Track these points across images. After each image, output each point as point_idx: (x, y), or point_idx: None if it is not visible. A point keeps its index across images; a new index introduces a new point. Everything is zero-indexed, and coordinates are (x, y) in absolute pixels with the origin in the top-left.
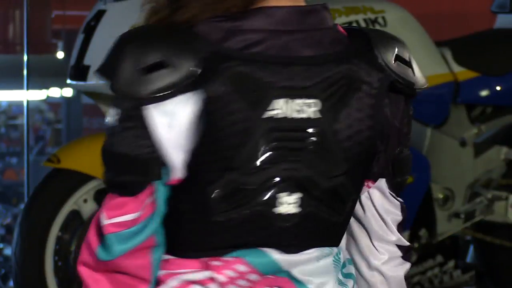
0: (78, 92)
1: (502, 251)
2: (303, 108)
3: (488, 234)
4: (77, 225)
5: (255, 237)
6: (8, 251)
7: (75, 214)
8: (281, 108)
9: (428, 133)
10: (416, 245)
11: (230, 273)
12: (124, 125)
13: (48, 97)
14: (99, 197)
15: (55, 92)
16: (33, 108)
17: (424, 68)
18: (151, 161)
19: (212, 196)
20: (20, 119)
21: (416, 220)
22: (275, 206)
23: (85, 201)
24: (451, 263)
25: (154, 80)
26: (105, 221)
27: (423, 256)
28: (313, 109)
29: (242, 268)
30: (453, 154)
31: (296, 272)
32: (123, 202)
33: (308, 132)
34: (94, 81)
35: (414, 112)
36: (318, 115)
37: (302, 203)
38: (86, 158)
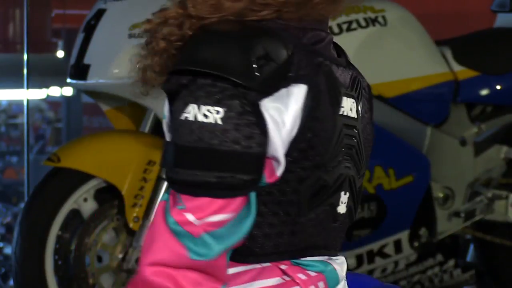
0: (78, 91)
1: (502, 250)
2: (352, 107)
3: (489, 233)
4: (77, 224)
5: (319, 237)
6: (8, 250)
7: (75, 213)
8: (345, 106)
9: (428, 132)
10: (416, 244)
11: None
12: (235, 122)
13: (48, 96)
14: (99, 196)
15: (55, 91)
16: (33, 107)
17: (424, 67)
18: (263, 159)
19: (302, 195)
20: (20, 118)
21: (416, 219)
22: (338, 205)
23: (85, 200)
24: (451, 262)
25: (266, 73)
26: (199, 221)
27: (423, 255)
28: (355, 109)
29: (321, 285)
30: (453, 153)
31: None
32: (211, 202)
33: (355, 131)
34: (94, 80)
35: (414, 111)
36: (357, 115)
37: (348, 202)
38: (87, 157)
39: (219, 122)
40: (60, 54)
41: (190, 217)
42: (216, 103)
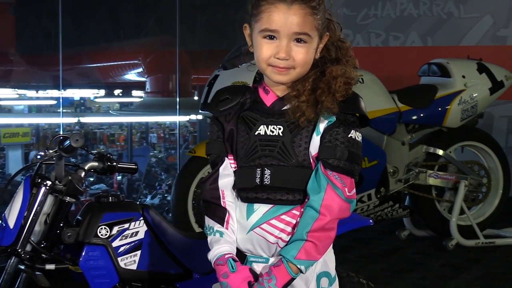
0: (204, 116)
1: (423, 199)
2: None
3: (416, 190)
4: None
5: None
6: (169, 198)
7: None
8: None
9: (385, 138)
10: (378, 195)
11: None
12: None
13: (189, 119)
14: None
15: (193, 117)
16: (182, 125)
17: (383, 104)
18: None
19: None
20: (175, 131)
21: (378, 183)
22: None
23: (209, 172)
24: (397, 205)
25: None
26: (353, 191)
27: (382, 202)
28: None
29: None
30: (398, 149)
31: None
32: (352, 182)
33: None
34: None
35: (378, 127)
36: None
37: None
38: None
39: (360, 141)
40: (195, 98)
41: (347, 190)
42: (359, 131)
